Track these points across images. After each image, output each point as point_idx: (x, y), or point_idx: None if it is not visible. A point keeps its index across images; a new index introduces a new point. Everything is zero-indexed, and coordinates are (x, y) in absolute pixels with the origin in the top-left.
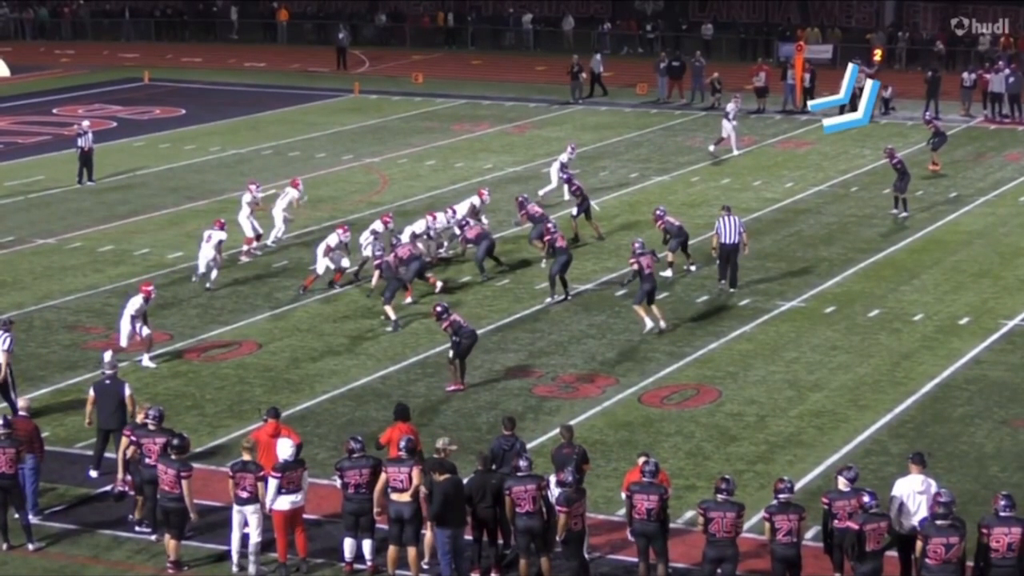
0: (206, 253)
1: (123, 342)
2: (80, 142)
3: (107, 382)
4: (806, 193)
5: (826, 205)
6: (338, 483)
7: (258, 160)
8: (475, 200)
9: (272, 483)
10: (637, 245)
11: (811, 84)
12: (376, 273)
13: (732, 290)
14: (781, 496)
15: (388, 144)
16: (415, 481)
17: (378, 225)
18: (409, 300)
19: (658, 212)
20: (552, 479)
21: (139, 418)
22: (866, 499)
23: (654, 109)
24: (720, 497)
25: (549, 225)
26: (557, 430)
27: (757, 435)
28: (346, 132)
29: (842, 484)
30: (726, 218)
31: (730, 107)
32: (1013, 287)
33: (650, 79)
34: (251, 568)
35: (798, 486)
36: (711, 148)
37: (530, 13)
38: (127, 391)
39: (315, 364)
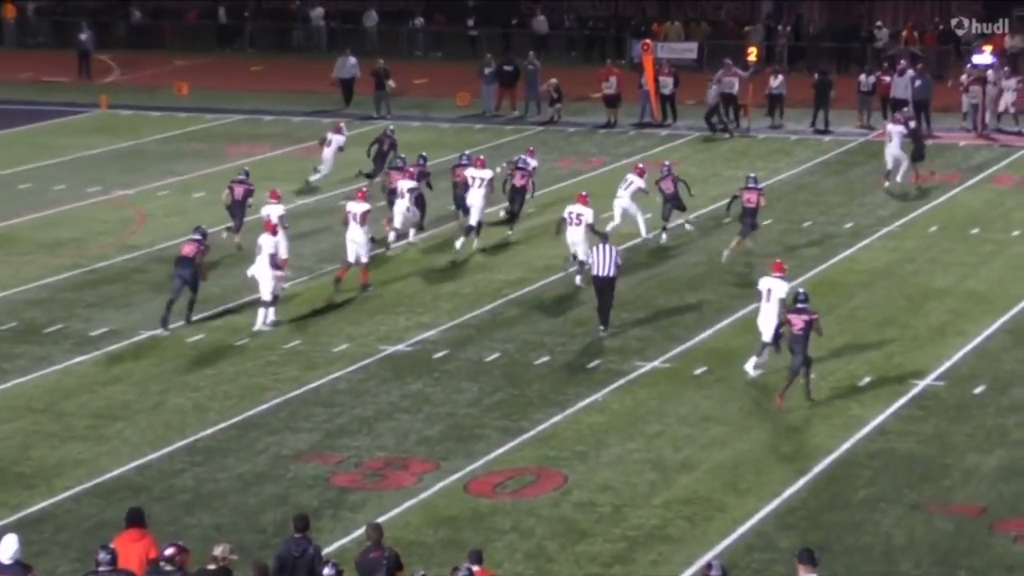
0: (327, 156)
1: None
2: None
3: None
4: (669, 225)
5: (694, 240)
6: None
7: None
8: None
9: None
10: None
11: (673, 91)
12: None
13: (603, 331)
14: None
15: (145, 172)
16: None
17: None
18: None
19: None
20: None
21: None
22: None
23: (479, 124)
24: None
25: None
26: (362, 530)
27: (613, 530)
28: (91, 157)
29: None
30: (600, 247)
31: (897, 129)
32: (924, 338)
33: (473, 87)
34: None
35: None
36: (892, 181)
37: (321, 7)
38: None
39: (54, 452)
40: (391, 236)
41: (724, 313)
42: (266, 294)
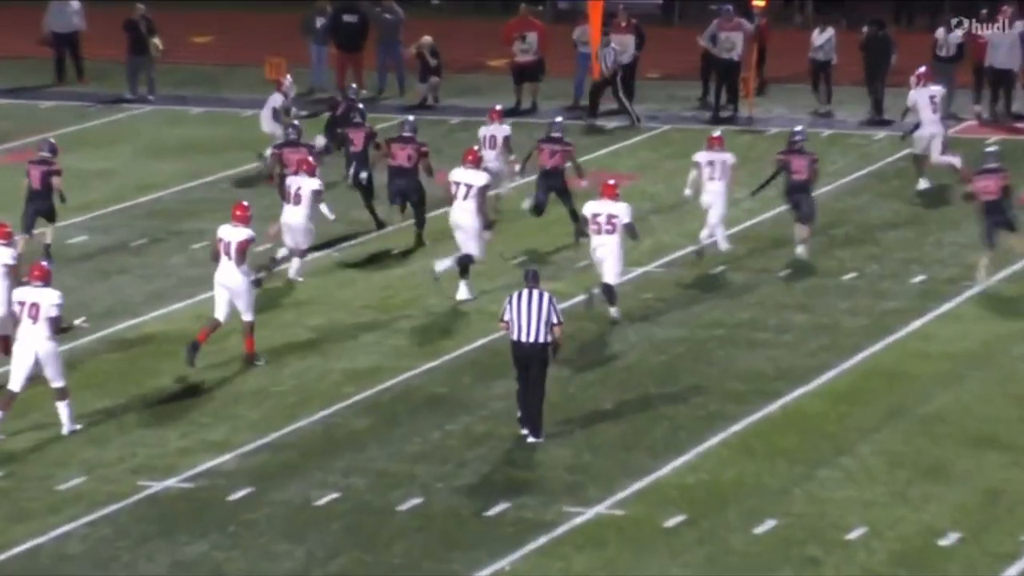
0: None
1: None
2: None
3: None
4: (624, 276)
5: (664, 302)
6: None
7: None
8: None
9: None
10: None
11: (635, 56)
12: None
13: (534, 440)
14: None
15: None
16: None
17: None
18: None
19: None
20: None
21: None
22: None
23: (305, 110)
24: None
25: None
26: None
27: None
28: None
29: None
30: (523, 294)
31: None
32: None
33: (295, 50)
34: None
35: None
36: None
37: None
38: None
39: None
40: (281, 254)
41: (713, 424)
42: (17, 383)
